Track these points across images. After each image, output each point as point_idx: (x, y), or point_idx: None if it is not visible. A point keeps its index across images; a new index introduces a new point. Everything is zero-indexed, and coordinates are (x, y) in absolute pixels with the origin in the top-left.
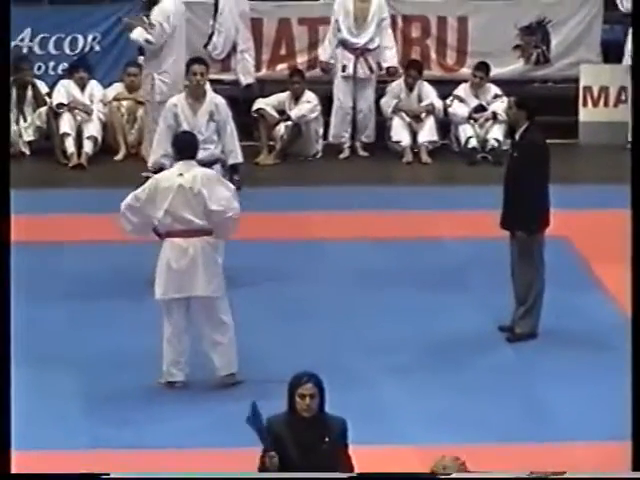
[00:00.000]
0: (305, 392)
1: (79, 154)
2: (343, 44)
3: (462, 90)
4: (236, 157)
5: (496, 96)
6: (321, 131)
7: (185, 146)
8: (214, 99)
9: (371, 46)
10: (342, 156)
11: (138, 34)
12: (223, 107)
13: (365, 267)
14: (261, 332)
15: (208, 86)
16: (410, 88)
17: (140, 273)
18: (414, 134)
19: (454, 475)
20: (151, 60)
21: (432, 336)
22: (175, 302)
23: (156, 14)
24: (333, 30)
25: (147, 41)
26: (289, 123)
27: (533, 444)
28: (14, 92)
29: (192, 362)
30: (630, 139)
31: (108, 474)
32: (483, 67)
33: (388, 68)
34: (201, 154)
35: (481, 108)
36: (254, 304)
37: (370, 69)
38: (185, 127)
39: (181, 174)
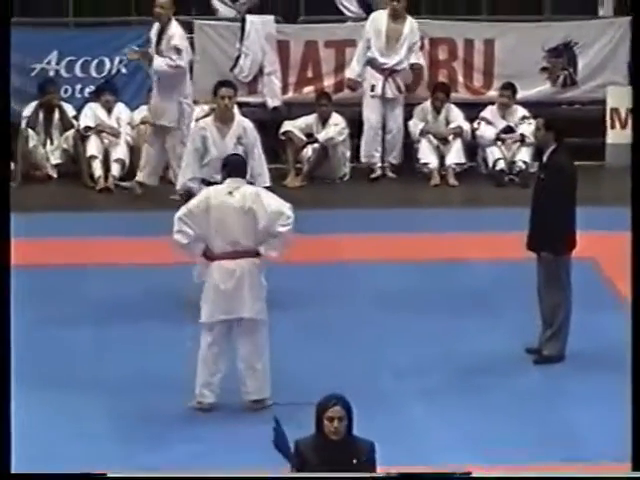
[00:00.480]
0: (333, 415)
1: (106, 177)
2: (372, 63)
3: (489, 112)
4: (264, 180)
5: (524, 118)
6: (348, 154)
7: (235, 166)
8: (242, 122)
9: (400, 67)
10: (373, 176)
11: (162, 63)
12: (251, 130)
13: (393, 289)
14: (289, 354)
15: (236, 109)
16: (437, 110)
17: (170, 295)
18: (441, 156)
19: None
20: (176, 86)
21: (459, 358)
22: (219, 324)
23: (179, 39)
24: (362, 49)
25: (178, 67)
26: (316, 146)
27: (560, 465)
28: (41, 115)
29: (222, 384)
30: None
31: (105, 474)
32: (510, 87)
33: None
34: None
35: (509, 130)
36: (282, 326)
37: (399, 89)
38: (213, 151)
39: (230, 192)
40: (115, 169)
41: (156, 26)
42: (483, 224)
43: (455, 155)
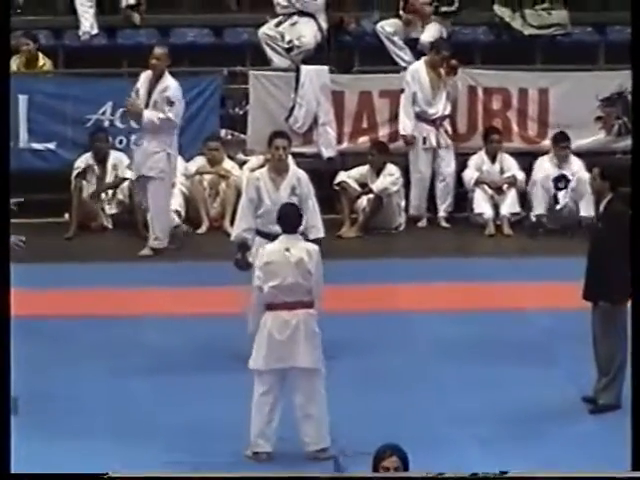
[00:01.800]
0: (389, 465)
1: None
2: (419, 116)
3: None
4: (318, 232)
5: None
6: (403, 203)
7: (289, 220)
8: (297, 173)
9: (446, 112)
10: (420, 225)
11: (153, 116)
12: (305, 181)
13: (448, 338)
14: (347, 404)
15: (291, 160)
16: (492, 159)
17: (225, 346)
18: (496, 206)
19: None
20: (163, 137)
21: (515, 407)
22: (273, 372)
23: (174, 90)
24: (408, 102)
25: (169, 120)
26: (371, 196)
27: None
28: (95, 165)
29: (278, 434)
30: None
31: (106, 473)
32: (563, 136)
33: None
34: None
35: (563, 178)
36: (340, 376)
37: (450, 137)
38: (267, 202)
39: (288, 249)
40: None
41: (145, 77)
42: (538, 273)
43: (510, 205)
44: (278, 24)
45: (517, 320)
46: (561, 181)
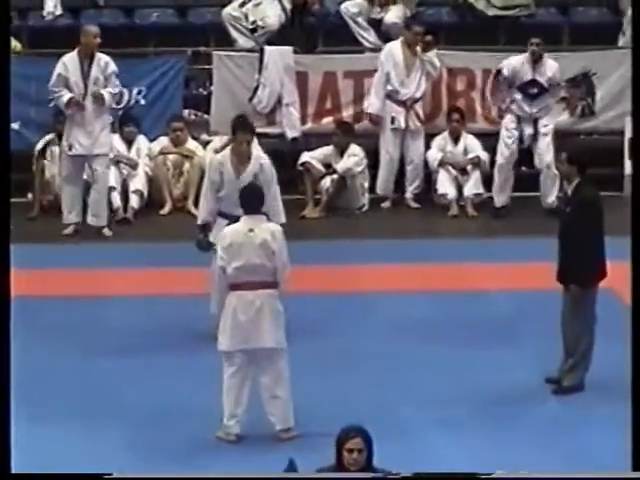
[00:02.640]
0: (353, 447)
1: (125, 208)
2: (391, 96)
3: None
4: (279, 219)
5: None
6: (367, 184)
7: (250, 200)
8: (259, 159)
9: (418, 95)
10: (384, 205)
11: (107, 94)
12: (268, 168)
13: (411, 320)
14: (308, 385)
15: (255, 142)
16: (456, 140)
17: (188, 326)
18: (460, 187)
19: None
20: (106, 113)
21: (479, 389)
22: (239, 354)
23: (113, 65)
24: (380, 81)
25: (119, 94)
26: (335, 176)
27: None
28: (56, 146)
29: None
30: None
31: (110, 474)
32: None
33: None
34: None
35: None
36: (301, 356)
37: (420, 120)
38: (228, 186)
39: (251, 230)
40: (134, 200)
41: (69, 59)
42: (502, 254)
43: (473, 186)
44: (242, 4)
45: (481, 301)
46: None
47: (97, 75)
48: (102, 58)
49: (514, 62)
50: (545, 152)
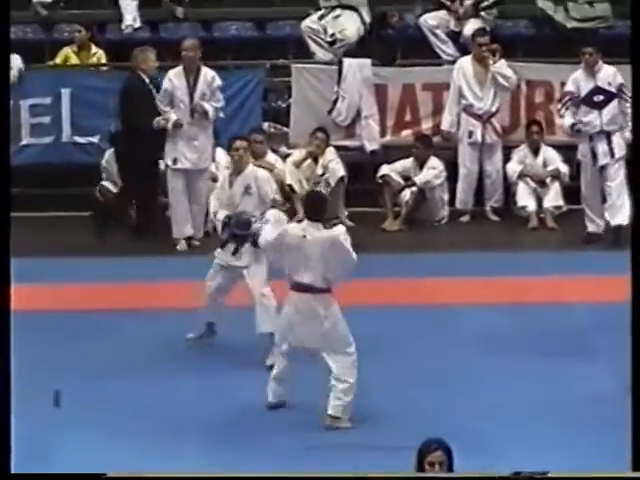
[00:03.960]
0: (434, 460)
1: (206, 221)
2: (467, 110)
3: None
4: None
5: None
6: (446, 197)
7: (312, 206)
8: (255, 173)
9: (494, 109)
10: (463, 219)
11: (210, 108)
12: (263, 181)
13: (490, 332)
14: (386, 397)
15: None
16: (535, 152)
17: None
18: (539, 199)
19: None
20: (210, 129)
21: (558, 401)
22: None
23: (218, 79)
24: (454, 97)
25: (221, 109)
26: (414, 189)
27: None
28: None
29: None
30: None
31: (104, 474)
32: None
33: None
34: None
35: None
36: (379, 369)
37: (497, 133)
38: (222, 198)
39: (304, 236)
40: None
41: (175, 74)
42: (582, 267)
43: (553, 198)
44: (321, 17)
45: (561, 314)
46: None
47: (204, 90)
48: (208, 72)
49: (573, 77)
50: (613, 179)
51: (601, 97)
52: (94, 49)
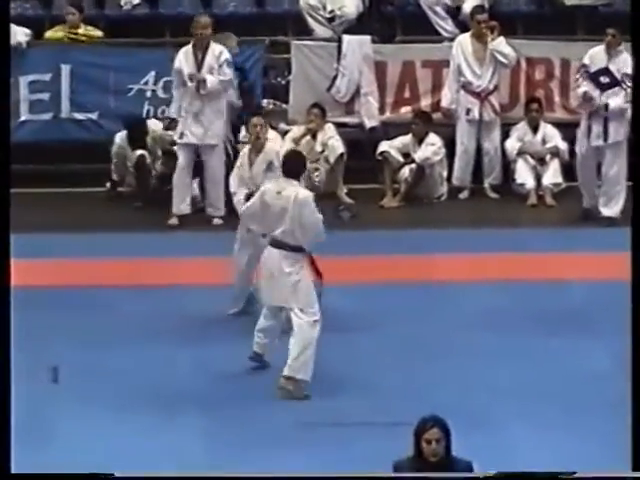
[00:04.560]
0: (431, 437)
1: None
2: (465, 87)
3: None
4: None
5: None
6: (445, 173)
7: (289, 164)
8: (275, 148)
9: (492, 86)
10: (462, 196)
11: (215, 81)
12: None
13: (489, 309)
14: (382, 373)
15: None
16: (534, 130)
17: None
18: (538, 177)
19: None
20: (222, 104)
21: (556, 378)
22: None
23: (226, 53)
24: (453, 74)
25: (230, 81)
26: (413, 166)
27: None
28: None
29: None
30: None
31: (112, 474)
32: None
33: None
34: None
35: None
36: (378, 346)
37: (495, 111)
38: (244, 176)
39: (279, 192)
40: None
41: (185, 53)
42: (581, 243)
43: (552, 175)
44: None
45: (560, 291)
46: None
47: (212, 64)
48: (216, 48)
49: (592, 51)
50: (609, 166)
51: (607, 79)
52: (87, 28)
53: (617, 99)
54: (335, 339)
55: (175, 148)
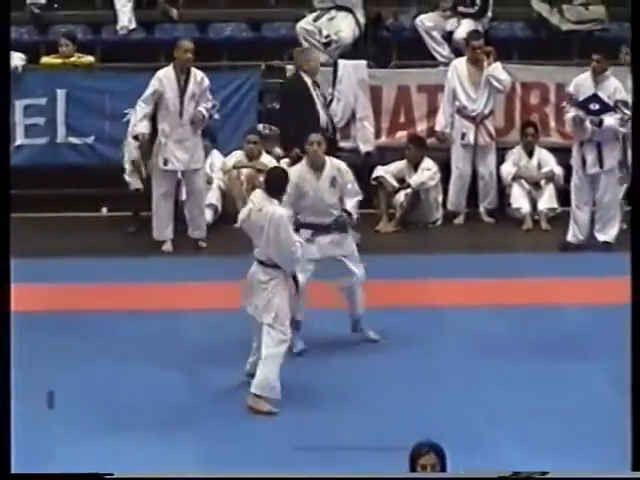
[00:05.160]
0: (426, 462)
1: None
2: (460, 112)
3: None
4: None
5: None
6: (441, 198)
7: (271, 181)
8: (337, 165)
9: (487, 111)
10: (457, 221)
11: (203, 111)
12: (346, 172)
13: (484, 334)
14: (382, 398)
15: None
16: (529, 154)
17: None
18: (534, 201)
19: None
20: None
21: (553, 403)
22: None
23: (207, 80)
24: (448, 98)
25: (212, 109)
26: (409, 191)
27: None
28: None
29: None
30: None
31: (112, 474)
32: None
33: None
34: (327, 220)
35: None
36: (373, 370)
37: (490, 136)
38: (310, 194)
39: (260, 209)
40: (208, 214)
41: (164, 75)
42: (576, 269)
43: (547, 200)
44: (316, 19)
45: (555, 316)
46: None
47: (194, 90)
48: (197, 73)
49: (578, 79)
50: (604, 191)
51: (597, 106)
52: (79, 55)
53: (610, 119)
54: (328, 362)
55: (155, 175)
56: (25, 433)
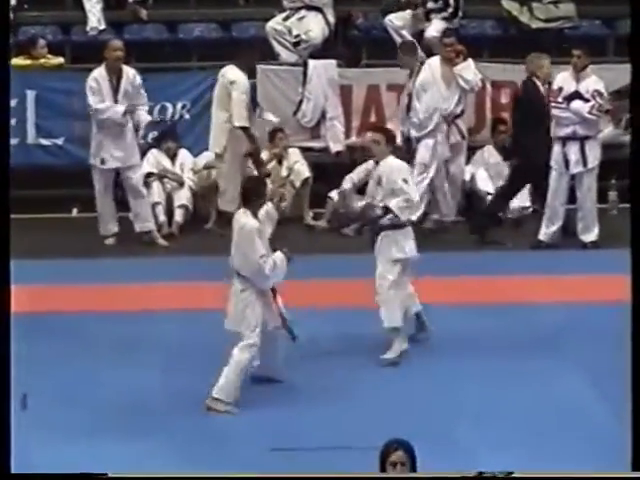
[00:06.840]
0: (396, 459)
1: (170, 223)
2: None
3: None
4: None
5: None
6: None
7: (244, 192)
8: (390, 163)
9: (458, 110)
10: (426, 226)
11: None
12: (393, 171)
13: (459, 332)
14: (356, 397)
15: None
16: (501, 151)
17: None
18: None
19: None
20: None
21: (527, 402)
22: None
23: (139, 78)
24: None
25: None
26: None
27: None
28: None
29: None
30: None
31: (106, 474)
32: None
33: None
34: None
35: None
36: (351, 369)
37: (461, 135)
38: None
39: (237, 220)
40: (179, 215)
41: (99, 74)
42: (553, 266)
43: (520, 198)
44: (286, 18)
45: (532, 313)
46: None
47: (127, 88)
48: (130, 71)
49: (559, 76)
50: (587, 191)
51: (579, 102)
52: (48, 56)
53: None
54: (313, 364)
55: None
56: None
